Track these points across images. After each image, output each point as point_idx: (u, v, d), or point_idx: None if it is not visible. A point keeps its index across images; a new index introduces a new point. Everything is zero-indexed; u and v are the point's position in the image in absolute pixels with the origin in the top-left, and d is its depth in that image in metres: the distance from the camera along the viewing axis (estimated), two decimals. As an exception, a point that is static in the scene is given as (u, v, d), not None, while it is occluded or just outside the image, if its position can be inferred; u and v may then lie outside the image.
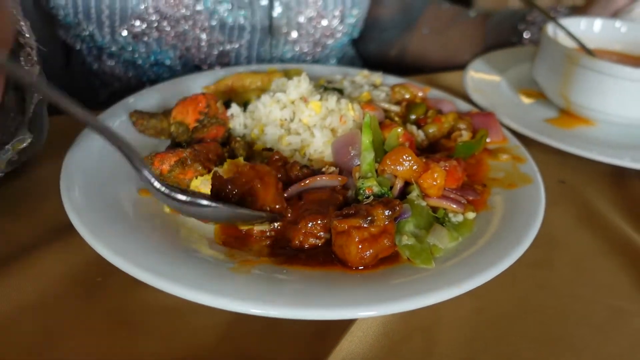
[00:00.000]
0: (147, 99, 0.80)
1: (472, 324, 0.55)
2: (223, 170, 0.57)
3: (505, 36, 1.20)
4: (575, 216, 0.71)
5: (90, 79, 1.07)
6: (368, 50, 1.30)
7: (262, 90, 0.82)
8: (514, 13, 1.21)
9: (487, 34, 1.21)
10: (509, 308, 0.57)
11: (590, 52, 0.92)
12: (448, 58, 1.26)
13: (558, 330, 0.55)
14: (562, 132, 0.85)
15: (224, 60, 1.01)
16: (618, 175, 0.79)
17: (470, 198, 0.63)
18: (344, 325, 0.52)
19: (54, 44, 1.07)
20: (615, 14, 1.09)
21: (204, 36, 0.94)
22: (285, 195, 0.59)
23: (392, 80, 0.90)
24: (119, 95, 1.04)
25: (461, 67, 1.04)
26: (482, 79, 0.97)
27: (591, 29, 0.98)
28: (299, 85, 0.73)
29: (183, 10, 0.90)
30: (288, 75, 0.84)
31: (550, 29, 0.94)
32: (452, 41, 1.26)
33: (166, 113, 0.74)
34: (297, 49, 1.03)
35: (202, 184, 0.59)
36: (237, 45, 0.97)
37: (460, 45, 1.25)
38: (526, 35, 1.17)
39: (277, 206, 0.54)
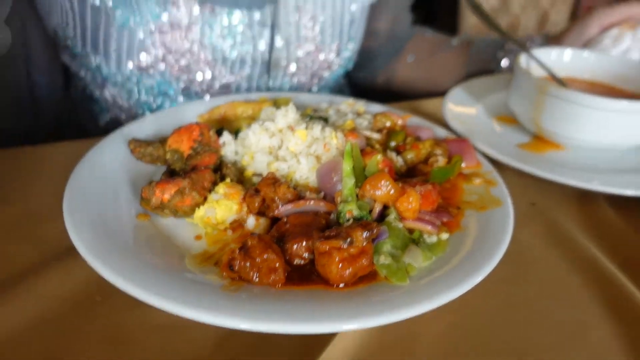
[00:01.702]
0: (145, 127, 0.84)
1: (448, 337, 0.60)
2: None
3: (485, 64, 1.26)
4: (544, 236, 0.76)
5: (91, 105, 1.12)
6: (357, 78, 1.36)
7: (253, 118, 0.88)
8: (494, 42, 1.28)
9: (468, 61, 1.28)
10: (483, 322, 0.62)
11: (560, 81, 0.99)
12: (432, 84, 1.32)
13: (525, 343, 0.59)
14: (534, 156, 0.91)
15: (225, 92, 1.06)
16: (586, 198, 0.84)
17: (445, 220, 0.69)
18: (327, 339, 0.57)
19: (55, 67, 1.11)
20: (587, 44, 1.16)
21: (207, 69, 0.99)
22: (276, 214, 0.65)
23: (375, 108, 0.96)
24: (118, 121, 1.10)
25: (444, 93, 1.10)
26: (460, 106, 1.03)
27: (561, 58, 1.05)
28: (287, 115, 0.78)
29: (188, 45, 0.95)
30: (277, 104, 0.90)
31: (524, 58, 1.01)
32: (436, 68, 1.33)
33: (162, 141, 0.79)
34: (295, 80, 1.09)
35: (206, 212, 0.64)
36: (238, 78, 1.03)
37: (443, 72, 1.31)
38: (504, 63, 1.24)
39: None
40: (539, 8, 2.96)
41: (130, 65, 0.96)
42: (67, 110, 1.17)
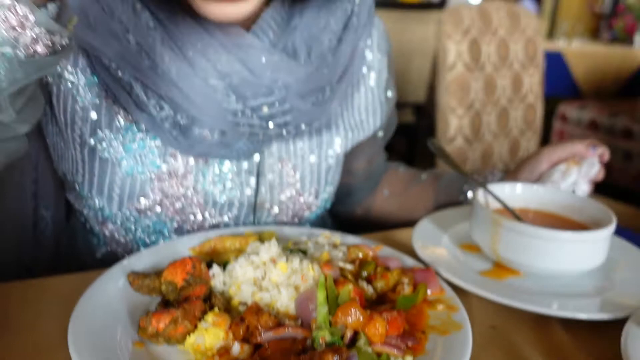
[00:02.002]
0: (143, 260, 0.94)
1: None
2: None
3: (453, 196, 1.39)
4: (503, 358, 0.83)
5: (89, 238, 1.22)
6: (337, 211, 1.49)
7: (240, 251, 0.98)
8: (459, 176, 1.42)
9: (437, 194, 1.41)
10: None
11: (514, 213, 1.11)
12: (406, 215, 1.44)
13: None
14: (494, 282, 1.00)
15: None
16: (543, 321, 0.93)
17: (410, 344, 0.76)
18: None
19: (60, 203, 1.21)
20: (539, 177, 1.30)
21: (198, 211, 1.11)
22: (259, 340, 0.73)
23: (350, 239, 1.07)
24: (114, 254, 1.19)
25: (416, 223, 1.21)
26: (428, 236, 1.14)
27: (515, 191, 1.18)
28: (270, 249, 0.89)
29: (183, 190, 1.07)
30: (262, 238, 1.01)
31: (481, 193, 1.14)
32: (409, 201, 1.46)
33: (158, 273, 0.89)
34: (277, 220, 1.21)
35: (196, 340, 0.72)
36: (226, 219, 1.14)
37: (416, 204, 1.44)
38: (470, 195, 1.37)
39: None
40: (510, 137, 3.21)
41: (130, 208, 1.07)
42: (66, 240, 1.26)
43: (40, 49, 0.72)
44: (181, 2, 0.96)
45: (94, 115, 1.02)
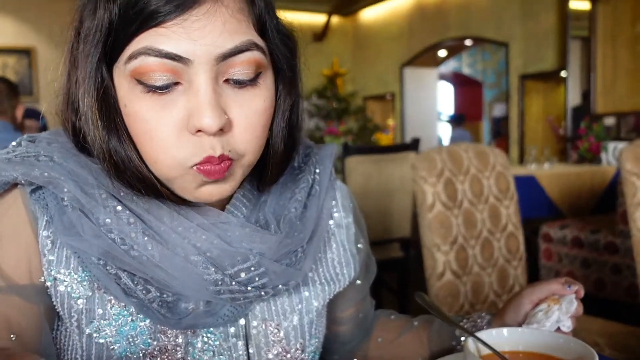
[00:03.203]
0: None
1: None
2: None
3: (446, 342, 1.44)
4: None
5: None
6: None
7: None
8: (449, 322, 1.48)
9: (430, 341, 1.46)
10: None
11: (503, 357, 1.17)
12: (402, 361, 1.48)
13: None
14: None
15: None
16: None
17: None
18: None
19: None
20: (525, 317, 1.37)
21: None
22: None
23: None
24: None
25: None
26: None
27: (502, 336, 1.24)
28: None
29: None
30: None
31: (470, 341, 1.20)
32: (403, 347, 1.51)
33: None
34: None
35: None
36: None
37: (409, 350, 1.49)
38: (463, 339, 1.42)
39: None
40: (497, 266, 3.29)
41: None
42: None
43: None
44: (157, 195, 1.07)
45: (88, 306, 1.09)
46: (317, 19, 13.23)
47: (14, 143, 1.13)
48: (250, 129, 1.04)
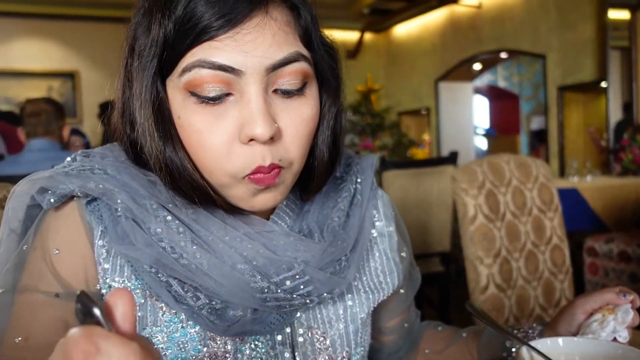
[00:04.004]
0: None
1: None
2: None
3: (495, 353, 1.42)
4: None
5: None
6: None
7: None
8: (501, 331, 1.46)
9: (479, 351, 1.44)
10: None
11: (560, 368, 1.14)
12: (450, 376, 1.46)
13: None
14: None
15: None
16: None
17: None
18: None
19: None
20: (579, 328, 1.33)
21: None
22: None
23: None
24: None
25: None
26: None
27: (557, 345, 1.21)
28: None
29: None
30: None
31: (525, 350, 1.17)
32: (451, 358, 1.49)
33: None
34: None
35: None
36: None
37: (457, 362, 1.47)
38: (514, 349, 1.39)
39: None
40: (542, 280, 3.21)
41: None
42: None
43: None
44: (211, 203, 1.10)
45: (140, 313, 1.12)
46: (350, 36, 13.32)
47: (69, 159, 1.18)
48: (298, 137, 1.07)
